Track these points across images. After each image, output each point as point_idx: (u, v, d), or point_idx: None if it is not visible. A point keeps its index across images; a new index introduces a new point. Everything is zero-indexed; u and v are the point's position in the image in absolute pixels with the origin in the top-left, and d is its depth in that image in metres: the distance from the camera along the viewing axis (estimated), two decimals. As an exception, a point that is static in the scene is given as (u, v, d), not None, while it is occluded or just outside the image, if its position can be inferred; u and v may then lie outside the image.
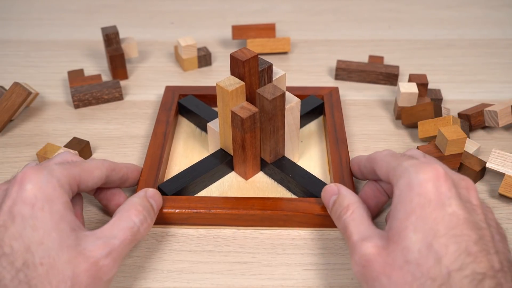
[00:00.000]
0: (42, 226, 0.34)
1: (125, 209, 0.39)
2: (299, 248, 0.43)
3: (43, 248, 0.33)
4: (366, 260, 0.34)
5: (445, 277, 0.30)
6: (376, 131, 0.56)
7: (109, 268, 0.35)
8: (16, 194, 0.35)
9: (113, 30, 0.63)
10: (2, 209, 0.34)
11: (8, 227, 0.33)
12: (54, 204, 0.35)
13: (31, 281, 0.32)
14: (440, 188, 0.33)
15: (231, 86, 0.43)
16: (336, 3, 0.84)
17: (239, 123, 0.43)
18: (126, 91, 0.63)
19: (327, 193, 0.42)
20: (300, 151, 0.52)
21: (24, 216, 0.34)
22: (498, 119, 0.53)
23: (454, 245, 0.31)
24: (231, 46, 0.72)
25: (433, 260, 0.31)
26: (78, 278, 0.34)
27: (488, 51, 0.70)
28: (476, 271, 0.30)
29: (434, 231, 0.32)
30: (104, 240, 0.36)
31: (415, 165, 0.35)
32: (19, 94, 0.54)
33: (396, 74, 0.63)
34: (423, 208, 0.33)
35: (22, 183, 0.35)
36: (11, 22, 0.79)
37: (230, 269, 0.41)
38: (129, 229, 0.37)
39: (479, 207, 0.35)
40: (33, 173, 0.35)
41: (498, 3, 0.83)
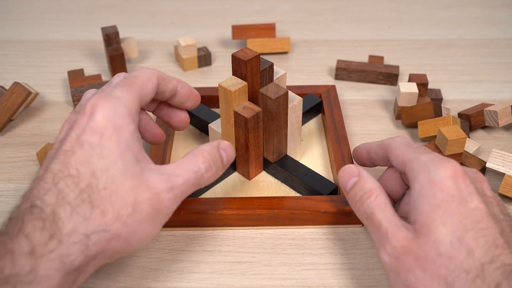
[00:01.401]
0: (109, 155, 0.34)
1: (193, 153, 0.39)
2: (299, 248, 0.43)
3: (108, 175, 0.34)
4: (400, 252, 0.34)
5: (479, 269, 0.31)
6: (376, 131, 0.56)
7: (169, 203, 0.36)
8: (85, 124, 0.35)
9: (113, 30, 0.63)
10: (70, 136, 0.35)
11: (75, 152, 0.34)
12: (122, 133, 0.35)
13: (94, 201, 0.33)
14: (459, 184, 0.34)
15: (234, 86, 0.43)
16: (336, 3, 0.84)
17: (242, 123, 0.43)
18: (126, 91, 0.62)
19: (347, 174, 0.40)
20: (301, 150, 0.52)
21: (92, 144, 0.34)
22: (498, 119, 0.53)
23: (482, 239, 0.32)
24: (231, 46, 0.72)
25: (465, 253, 0.32)
26: (140, 205, 0.34)
27: (488, 51, 0.70)
28: (505, 262, 0.31)
29: (462, 225, 0.32)
30: (167, 176, 0.36)
31: (434, 160, 0.36)
32: (19, 94, 0.54)
33: (396, 74, 0.63)
34: (448, 203, 0.33)
35: (92, 114, 0.35)
36: (11, 22, 0.79)
37: (230, 269, 0.41)
38: (194, 172, 0.37)
39: (494, 199, 0.35)
40: (102, 103, 0.36)
41: (498, 3, 0.83)
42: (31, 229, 0.31)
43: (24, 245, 0.30)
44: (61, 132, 0.38)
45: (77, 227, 0.32)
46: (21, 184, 0.49)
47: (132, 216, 0.34)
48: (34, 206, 0.32)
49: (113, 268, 0.41)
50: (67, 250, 0.32)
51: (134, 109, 0.37)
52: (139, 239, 0.35)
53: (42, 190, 0.33)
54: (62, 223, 0.32)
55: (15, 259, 0.30)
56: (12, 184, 0.49)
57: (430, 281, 0.32)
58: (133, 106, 0.37)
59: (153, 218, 0.35)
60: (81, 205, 0.33)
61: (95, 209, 0.33)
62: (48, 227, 0.31)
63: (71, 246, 0.32)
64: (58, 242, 0.31)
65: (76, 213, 0.32)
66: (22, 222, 0.31)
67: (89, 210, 0.33)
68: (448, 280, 0.32)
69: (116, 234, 0.34)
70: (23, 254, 0.30)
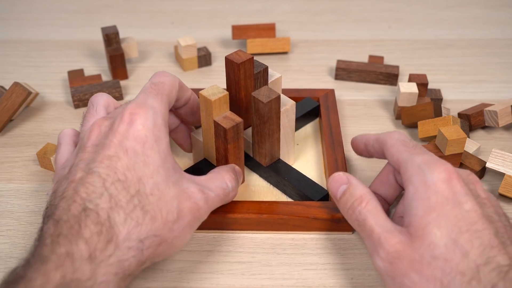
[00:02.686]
0: (152, 163, 0.35)
1: (219, 171, 0.41)
2: (299, 248, 0.43)
3: (153, 182, 0.35)
4: (394, 257, 0.34)
5: (474, 271, 0.31)
6: (376, 131, 0.56)
7: (204, 213, 0.37)
8: (126, 131, 0.35)
9: (113, 30, 0.63)
10: (112, 142, 0.35)
11: (120, 157, 0.35)
12: (161, 144, 0.36)
13: (145, 207, 0.34)
14: (454, 186, 0.34)
15: (214, 95, 0.42)
16: (336, 3, 0.84)
17: (222, 133, 0.42)
18: (126, 91, 0.63)
19: (336, 182, 0.40)
20: (296, 154, 0.52)
21: (136, 152, 0.35)
22: (498, 119, 0.53)
23: (477, 240, 0.32)
24: (231, 46, 0.72)
25: (461, 255, 0.32)
26: (182, 212, 0.36)
27: (488, 51, 0.70)
28: (501, 263, 0.31)
29: (457, 227, 0.33)
30: (202, 188, 0.38)
31: (428, 163, 0.36)
32: (19, 94, 0.54)
33: (396, 74, 0.63)
34: (442, 206, 0.33)
35: (132, 122, 0.36)
36: (11, 22, 0.79)
37: (230, 269, 0.41)
38: (223, 189, 0.39)
39: (488, 200, 0.35)
40: (141, 112, 0.36)
41: (498, 3, 0.83)
42: (89, 233, 0.31)
43: (83, 250, 0.31)
44: (90, 135, 0.37)
45: (131, 232, 0.33)
46: (21, 184, 0.49)
47: (177, 222, 0.35)
48: (87, 210, 0.32)
49: (113, 268, 0.41)
50: (123, 255, 0.32)
51: (167, 119, 0.39)
52: (180, 244, 0.37)
53: (93, 194, 0.33)
54: (118, 228, 0.32)
55: (75, 264, 0.30)
56: (12, 184, 0.49)
57: (426, 284, 0.32)
58: (166, 115, 0.39)
59: (192, 225, 0.37)
60: (134, 210, 0.33)
61: (147, 214, 0.34)
62: (105, 232, 0.32)
63: (127, 252, 0.32)
64: (115, 247, 0.32)
65: (130, 218, 0.33)
66: (79, 226, 0.31)
67: (142, 216, 0.34)
68: (444, 282, 0.32)
69: (164, 239, 0.35)
70: (83, 259, 0.30)
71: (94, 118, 0.39)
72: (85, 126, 0.39)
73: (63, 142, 0.40)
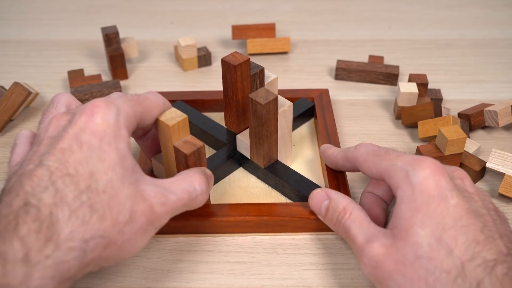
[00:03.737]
0: (108, 160, 0.33)
1: (188, 173, 0.38)
2: (299, 248, 0.43)
3: (107, 179, 0.33)
4: (376, 261, 0.34)
5: (459, 268, 0.31)
6: (376, 131, 0.56)
7: (161, 217, 0.35)
8: (84, 124, 0.34)
9: (113, 30, 0.63)
10: (68, 133, 0.33)
11: (74, 151, 0.33)
12: (120, 142, 0.35)
13: (93, 205, 0.32)
14: (439, 182, 0.34)
15: (173, 119, 0.39)
16: (336, 3, 0.84)
17: (183, 159, 0.40)
18: (126, 91, 0.63)
19: (316, 200, 0.41)
20: (293, 155, 0.52)
21: (92, 146, 0.33)
22: (498, 119, 0.53)
23: (462, 236, 0.32)
24: (231, 46, 0.72)
25: (445, 253, 0.32)
26: (136, 215, 0.33)
27: (488, 51, 0.70)
28: (487, 258, 0.31)
29: (441, 225, 0.32)
30: (162, 191, 0.35)
31: (410, 163, 0.35)
32: (19, 94, 0.54)
33: (396, 74, 0.63)
34: (428, 205, 0.33)
35: (92, 115, 0.34)
36: (11, 22, 0.79)
37: (230, 269, 0.41)
38: (189, 192, 0.37)
39: (476, 194, 0.35)
40: (103, 106, 0.35)
41: (498, 3, 0.83)
42: (27, 231, 0.29)
43: (18, 250, 0.28)
44: (48, 127, 0.35)
45: (75, 231, 0.30)
46: (21, 184, 0.49)
47: (128, 224, 0.33)
48: (29, 205, 0.30)
49: (113, 268, 0.41)
50: (63, 256, 0.30)
51: (131, 125, 0.37)
52: (131, 249, 0.34)
53: (38, 187, 0.31)
54: (60, 226, 0.30)
55: (7, 266, 0.28)
56: (12, 184, 0.49)
57: (411, 285, 0.32)
58: (131, 121, 0.37)
59: (145, 230, 0.34)
60: (81, 207, 0.31)
61: (95, 213, 0.32)
62: (45, 230, 0.29)
63: (68, 252, 0.30)
64: (54, 246, 0.29)
65: (75, 216, 0.31)
66: (16, 222, 0.29)
67: (89, 214, 0.31)
68: (429, 281, 0.31)
69: (112, 241, 0.32)
70: (16, 261, 0.28)
71: (53, 115, 0.38)
72: (43, 122, 0.37)
73: (19, 143, 0.38)
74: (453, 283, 0.31)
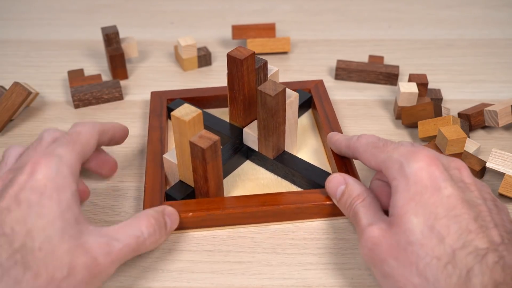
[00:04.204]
0: (48, 214, 0.33)
1: (137, 217, 0.38)
2: (299, 247, 0.43)
3: (45, 235, 0.33)
4: (373, 242, 0.35)
5: (450, 255, 0.31)
6: (376, 131, 0.56)
7: (106, 268, 0.35)
8: (24, 182, 0.34)
9: (113, 30, 0.63)
10: (8, 193, 0.34)
11: (12, 210, 0.33)
12: (63, 193, 0.35)
13: (27, 263, 0.32)
14: (433, 173, 0.35)
15: (188, 115, 0.40)
16: (336, 3, 0.84)
17: (199, 154, 0.40)
18: (126, 91, 0.63)
19: (334, 184, 0.42)
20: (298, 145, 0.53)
21: (31, 203, 0.33)
22: (498, 119, 0.53)
23: (455, 225, 0.32)
24: (231, 46, 0.72)
25: (436, 240, 0.32)
26: (75, 269, 0.33)
27: (488, 51, 0.70)
28: (478, 247, 0.31)
29: (434, 214, 0.33)
30: (107, 240, 0.35)
31: (405, 155, 0.36)
32: (19, 94, 0.54)
33: (396, 74, 0.63)
34: (421, 194, 0.34)
35: (33, 172, 0.35)
36: (11, 22, 0.79)
37: (230, 269, 0.41)
38: (135, 237, 0.37)
39: (473, 184, 0.36)
40: (44, 162, 0.35)
41: (498, 3, 0.83)
42: None
43: None
44: None
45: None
46: (21, 184, 0.49)
47: (66, 279, 0.33)
48: None
49: (113, 268, 0.41)
50: None
51: (77, 169, 0.37)
52: None
53: None
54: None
55: None
56: (12, 184, 0.49)
57: (403, 269, 0.33)
58: (76, 165, 0.37)
59: (88, 282, 0.34)
60: (14, 266, 0.31)
61: (28, 271, 0.31)
62: None
63: None
64: None
65: (7, 275, 0.31)
66: None
67: (22, 272, 0.31)
68: (420, 267, 0.32)
69: None
70: None
71: (2, 172, 0.38)
72: None
73: None
74: (443, 269, 0.31)
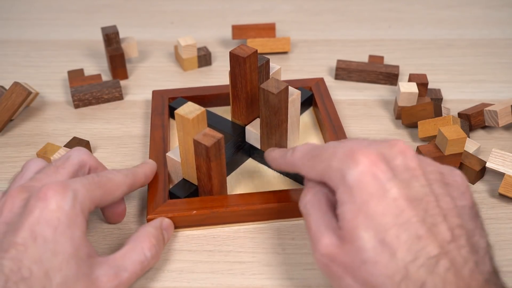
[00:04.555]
0: (62, 252, 0.33)
1: (139, 239, 0.39)
2: (299, 247, 0.43)
3: (61, 275, 0.33)
4: (328, 259, 0.33)
5: (403, 271, 0.30)
6: (376, 131, 0.56)
7: None
8: (39, 212, 0.34)
9: (113, 30, 0.63)
10: (23, 225, 0.33)
11: (28, 247, 0.32)
12: (75, 231, 0.34)
13: None
14: (376, 175, 0.32)
15: (191, 113, 0.40)
16: (336, 3, 0.84)
17: (203, 152, 0.40)
18: (126, 91, 0.63)
19: None
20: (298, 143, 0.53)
21: (46, 239, 0.33)
22: (498, 119, 0.53)
23: (404, 234, 0.31)
24: (231, 46, 0.72)
25: (388, 256, 0.31)
26: None
27: (488, 51, 0.70)
28: (429, 255, 0.30)
29: (383, 225, 0.31)
30: (115, 271, 0.36)
31: (344, 160, 0.33)
32: (19, 94, 0.54)
33: (396, 74, 0.63)
34: (367, 204, 0.32)
35: (46, 200, 0.34)
36: (11, 22, 0.79)
37: (230, 269, 0.41)
38: (140, 263, 0.37)
39: (418, 168, 0.33)
40: (58, 192, 0.35)
41: (498, 3, 0.83)
42: None
43: None
44: (3, 208, 0.35)
45: None
46: (21, 184, 0.49)
47: None
48: None
49: (113, 268, 0.41)
50: None
51: (87, 211, 0.36)
52: None
53: None
54: None
55: None
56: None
57: (360, 287, 0.32)
58: (88, 208, 0.36)
59: None
60: None
61: None
62: None
63: None
64: None
65: None
66: None
67: None
68: (377, 286, 0.31)
69: None
70: None
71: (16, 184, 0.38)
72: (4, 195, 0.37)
73: None
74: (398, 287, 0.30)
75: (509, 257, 0.42)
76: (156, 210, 0.43)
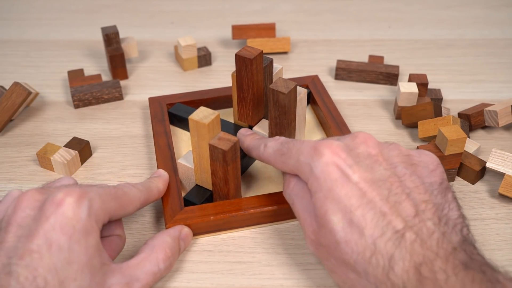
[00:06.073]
0: (77, 261, 0.33)
1: (155, 249, 0.38)
2: (299, 248, 0.43)
3: (76, 285, 0.32)
4: (315, 244, 0.36)
5: (372, 247, 0.32)
6: (376, 131, 0.56)
7: None
8: (54, 218, 0.33)
9: (113, 30, 0.63)
10: (39, 232, 0.32)
11: (43, 255, 0.32)
12: (90, 239, 0.34)
13: None
14: (338, 163, 0.35)
15: (206, 118, 0.39)
16: (336, 3, 0.84)
17: (220, 156, 0.40)
18: (126, 91, 0.63)
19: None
20: None
21: (61, 247, 0.32)
22: (498, 119, 0.53)
23: (370, 212, 0.33)
24: (231, 46, 0.72)
25: (358, 234, 0.33)
26: None
27: (488, 51, 0.70)
28: (396, 229, 0.32)
29: (349, 207, 0.33)
30: (128, 281, 0.36)
31: (309, 154, 0.36)
32: (19, 94, 0.54)
33: (396, 74, 0.63)
34: (333, 190, 0.34)
35: (62, 205, 0.33)
36: (11, 22, 0.79)
37: (230, 269, 0.41)
38: (153, 274, 0.37)
39: (379, 155, 0.36)
40: (75, 197, 0.34)
41: (498, 3, 0.83)
42: None
43: None
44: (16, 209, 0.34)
45: None
46: (21, 184, 0.49)
47: None
48: None
49: (113, 268, 0.41)
50: None
51: (102, 221, 0.36)
52: None
53: None
54: None
55: None
56: (12, 184, 0.49)
57: (342, 266, 0.34)
58: (102, 218, 0.36)
59: None
60: None
61: None
62: None
63: None
64: None
65: None
66: None
67: None
68: (351, 263, 0.33)
69: None
70: None
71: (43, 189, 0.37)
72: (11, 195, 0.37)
73: None
74: (369, 263, 0.32)
75: (509, 257, 0.42)
76: (174, 219, 0.42)
